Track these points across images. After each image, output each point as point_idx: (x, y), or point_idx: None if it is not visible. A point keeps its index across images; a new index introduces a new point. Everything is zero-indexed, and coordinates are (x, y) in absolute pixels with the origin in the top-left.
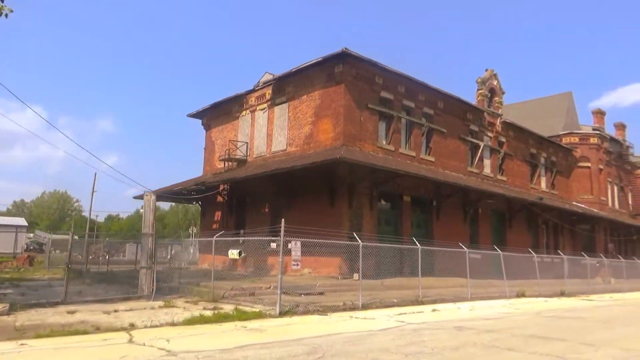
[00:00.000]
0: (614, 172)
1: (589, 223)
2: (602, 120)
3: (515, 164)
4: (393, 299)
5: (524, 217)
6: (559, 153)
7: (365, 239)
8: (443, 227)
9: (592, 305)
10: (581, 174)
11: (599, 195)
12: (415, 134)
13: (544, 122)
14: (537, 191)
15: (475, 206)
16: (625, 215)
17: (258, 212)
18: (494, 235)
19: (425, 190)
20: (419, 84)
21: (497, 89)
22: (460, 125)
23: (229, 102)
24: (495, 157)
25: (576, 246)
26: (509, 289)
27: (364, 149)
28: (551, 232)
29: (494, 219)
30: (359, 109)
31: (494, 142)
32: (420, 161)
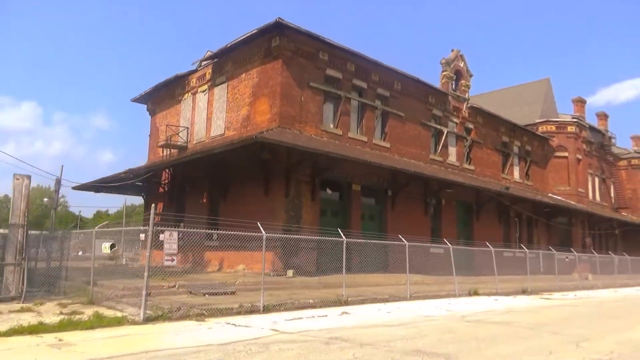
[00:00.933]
0: (595, 163)
1: (565, 216)
2: (582, 109)
3: (485, 153)
4: (310, 299)
5: (494, 209)
6: (534, 142)
7: (306, 232)
8: (399, 219)
9: (541, 306)
10: (558, 164)
11: (577, 187)
12: (368, 117)
13: (520, 110)
14: (509, 182)
15: (438, 197)
16: (607, 209)
17: (197, 202)
18: (461, 229)
19: (379, 178)
20: (372, 62)
21: (463, 71)
22: (421, 109)
23: (170, 84)
24: (461, 145)
25: (552, 240)
26: (459, 286)
27: (305, 131)
28: (524, 225)
29: (460, 210)
30: (300, 88)
31: (461, 129)
32: (373, 147)
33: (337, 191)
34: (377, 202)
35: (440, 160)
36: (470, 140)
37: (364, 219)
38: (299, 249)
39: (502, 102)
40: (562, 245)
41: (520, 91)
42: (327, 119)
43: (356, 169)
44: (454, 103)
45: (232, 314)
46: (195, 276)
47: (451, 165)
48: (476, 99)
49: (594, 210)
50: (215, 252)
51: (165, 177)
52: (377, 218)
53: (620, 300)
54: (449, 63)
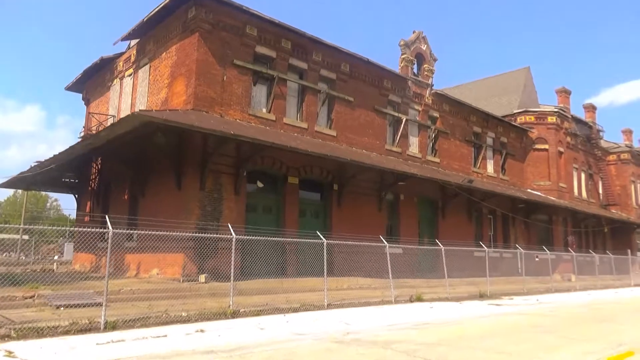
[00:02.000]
0: (581, 157)
1: (545, 213)
2: (566, 100)
3: (453, 144)
4: (185, 312)
5: (464, 206)
6: (510, 133)
7: (225, 231)
8: (348, 217)
9: (479, 316)
10: (538, 157)
11: (558, 182)
12: (310, 102)
13: (498, 101)
14: (481, 176)
15: (395, 192)
16: (594, 206)
17: (120, 200)
18: (424, 227)
19: (323, 171)
20: (311, 39)
21: (426, 54)
22: (375, 95)
23: (101, 69)
24: (424, 135)
25: (531, 239)
26: (404, 290)
27: (229, 115)
28: (499, 223)
29: (423, 207)
30: (222, 66)
31: (424, 117)
32: (316, 135)
33: (272, 184)
34: (321, 198)
35: (398, 151)
36: (435, 130)
37: (304, 216)
38: (217, 251)
39: (480, 93)
40: (542, 245)
41: (498, 81)
42: (258, 102)
43: (294, 159)
44: (415, 89)
45: (57, 333)
46: (93, 283)
47: (412, 157)
48: (454, 90)
49: (578, 206)
50: (135, 255)
51: (93, 173)
52: (322, 215)
53: (583, 306)
54: (408, 45)
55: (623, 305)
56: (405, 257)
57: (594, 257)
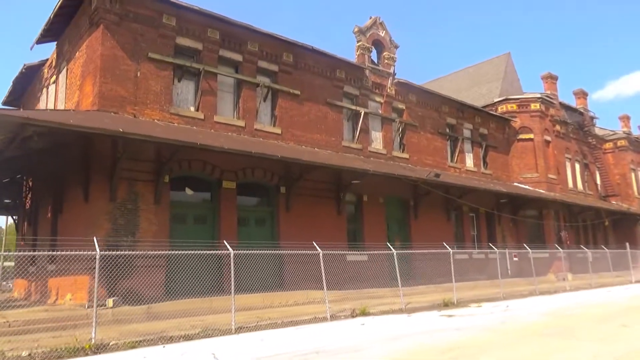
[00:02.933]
0: (573, 146)
1: (535, 208)
2: (553, 86)
3: (424, 138)
4: (24, 352)
5: (440, 205)
6: (490, 124)
7: (148, 246)
8: (299, 223)
9: (404, 334)
10: (523, 148)
11: (546, 173)
12: (247, 97)
13: (478, 91)
14: (459, 171)
15: (357, 192)
16: (592, 198)
17: (45, 219)
18: (395, 229)
19: (265, 172)
20: (244, 28)
21: (385, 41)
22: (327, 87)
23: (29, 78)
24: (389, 129)
25: (521, 237)
26: (345, 305)
27: (145, 115)
28: (483, 221)
29: (392, 208)
30: (134, 61)
31: (387, 110)
32: (256, 133)
33: (205, 191)
34: (268, 203)
35: (358, 147)
36: (401, 123)
37: (246, 225)
38: (133, 270)
39: (461, 84)
40: (533, 242)
41: (478, 70)
42: (184, 100)
43: (229, 162)
44: (375, 79)
45: None
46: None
47: (375, 154)
48: (433, 83)
49: (572, 199)
50: (55, 279)
51: (25, 192)
52: (268, 222)
53: (548, 314)
54: (363, 32)
55: (602, 310)
56: (371, 264)
57: (586, 253)
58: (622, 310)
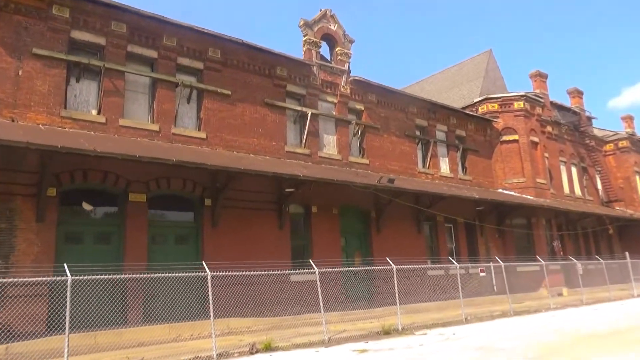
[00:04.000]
0: (568, 149)
1: (523, 216)
2: (543, 84)
3: (388, 141)
4: None
5: (409, 215)
6: (468, 125)
7: (24, 272)
8: (230, 240)
9: None
10: (507, 151)
11: (534, 177)
12: (164, 99)
13: (458, 92)
14: (431, 177)
15: (304, 203)
16: (592, 204)
17: None
18: (354, 243)
19: (185, 183)
20: (158, 20)
21: (338, 36)
22: (266, 86)
23: None
24: (344, 132)
25: (508, 249)
26: (246, 337)
27: (27, 120)
28: (463, 232)
29: (350, 219)
30: (15, 58)
31: (342, 111)
32: (174, 138)
33: (109, 205)
34: (190, 218)
35: (306, 153)
36: (359, 125)
37: (162, 243)
38: (4, 301)
39: (442, 86)
40: (522, 254)
41: (459, 70)
42: (82, 102)
43: (138, 171)
44: (325, 77)
45: None
46: None
47: (327, 159)
48: (414, 87)
49: (565, 205)
50: None
51: None
52: (192, 240)
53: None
54: (310, 25)
55: (561, 339)
56: (320, 284)
57: (576, 264)
58: (584, 339)
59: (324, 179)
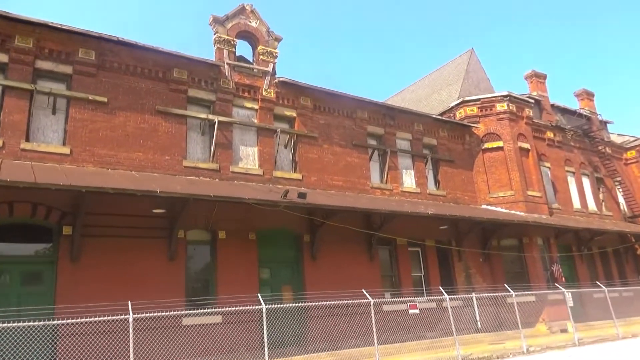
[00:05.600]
0: (577, 157)
1: (514, 236)
2: (541, 86)
3: (330, 152)
4: None
5: (357, 239)
6: (439, 132)
7: None
8: (98, 278)
9: None
10: (491, 160)
11: (524, 189)
12: (14, 109)
13: (438, 97)
14: (390, 193)
15: (210, 228)
16: (611, 220)
17: None
18: (281, 274)
19: (35, 209)
20: (3, 17)
21: (259, 33)
22: (159, 91)
23: None
24: (269, 142)
25: (496, 275)
26: None
27: None
28: (434, 258)
29: (273, 246)
30: None
31: (265, 118)
32: (23, 155)
33: None
34: (44, 251)
35: (212, 168)
36: (290, 135)
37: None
38: None
39: (421, 94)
40: (515, 281)
41: (439, 75)
42: None
43: None
44: (242, 80)
45: None
46: None
47: (243, 175)
48: (395, 98)
49: (569, 222)
50: None
51: None
52: (47, 279)
53: None
54: (221, 22)
55: None
56: (227, 327)
57: (563, 293)
58: None
59: (199, 195)
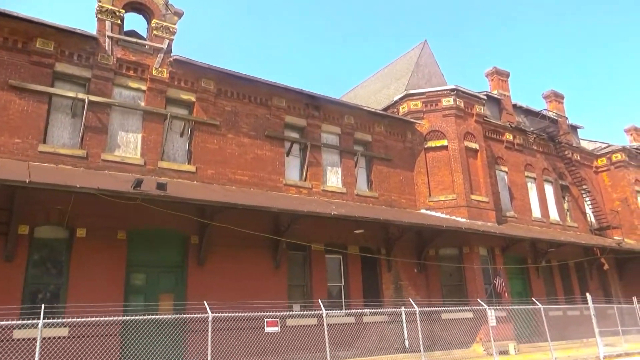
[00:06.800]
0: (540, 163)
1: (454, 245)
2: (504, 84)
3: (235, 143)
4: None
5: (260, 244)
6: (375, 127)
7: None
8: None
9: None
10: (434, 160)
11: (468, 193)
12: None
13: (386, 92)
14: (307, 192)
15: (66, 224)
16: (574, 231)
17: None
18: (161, 282)
19: None
20: None
21: (154, 6)
22: (16, 64)
23: None
24: (157, 129)
25: (433, 288)
26: None
27: None
28: (357, 267)
29: (154, 248)
30: None
31: (155, 101)
32: None
33: None
34: None
35: (78, 155)
36: (187, 121)
37: None
38: None
39: (372, 89)
40: (453, 296)
41: (391, 69)
42: None
43: None
44: (127, 56)
45: None
46: None
47: (118, 165)
48: (350, 95)
49: (515, 231)
50: None
51: None
52: None
53: None
54: None
55: None
56: (80, 341)
57: (485, 310)
58: None
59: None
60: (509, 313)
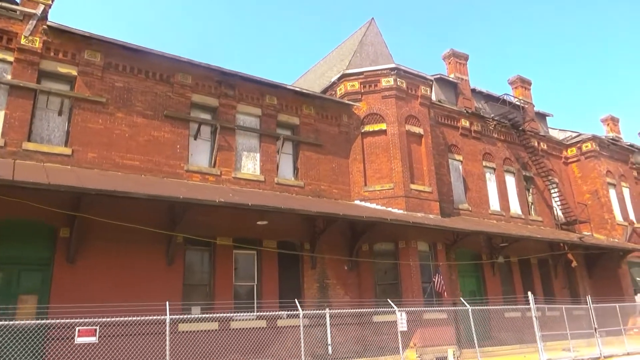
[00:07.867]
0: (501, 152)
1: (390, 239)
2: (462, 68)
3: (126, 123)
4: None
5: (150, 237)
6: (303, 109)
7: None
8: None
9: None
10: (372, 146)
11: (406, 182)
12: None
13: (329, 75)
14: (215, 179)
15: None
16: (538, 226)
17: None
18: (23, 283)
19: None
20: None
21: None
22: None
23: None
24: (23, 106)
25: (365, 288)
26: None
27: None
28: (273, 265)
29: (16, 243)
30: None
31: (24, 73)
32: None
33: None
34: None
35: None
36: (64, 97)
37: None
38: None
39: (320, 73)
40: (388, 295)
41: (338, 51)
42: None
43: None
44: None
45: None
46: None
47: None
48: (301, 80)
49: (491, 227)
50: None
51: None
52: None
53: None
54: None
55: None
56: None
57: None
58: None
59: None
60: (450, 315)
